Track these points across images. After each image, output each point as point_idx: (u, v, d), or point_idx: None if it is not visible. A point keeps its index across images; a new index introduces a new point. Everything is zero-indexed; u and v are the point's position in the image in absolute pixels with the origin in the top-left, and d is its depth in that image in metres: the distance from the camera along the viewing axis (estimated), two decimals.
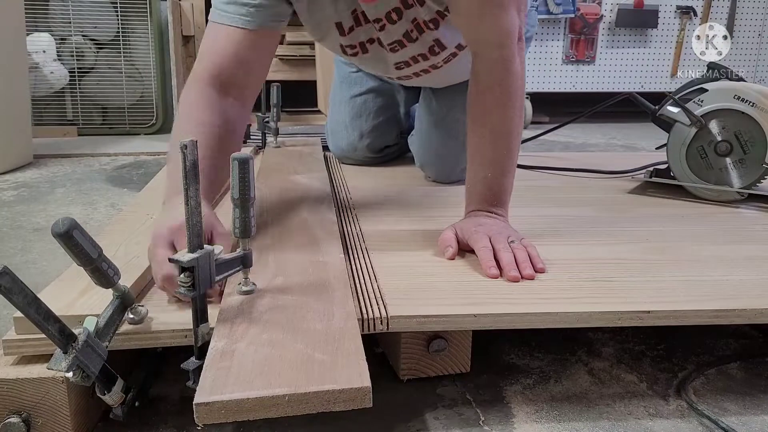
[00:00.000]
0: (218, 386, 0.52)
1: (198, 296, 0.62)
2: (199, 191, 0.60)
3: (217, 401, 0.51)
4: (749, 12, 2.93)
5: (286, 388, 0.52)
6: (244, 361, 0.56)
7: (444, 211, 1.12)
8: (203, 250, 0.61)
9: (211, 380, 0.53)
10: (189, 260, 0.60)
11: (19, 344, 0.64)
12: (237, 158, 0.65)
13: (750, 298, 0.78)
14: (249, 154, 0.65)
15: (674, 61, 2.90)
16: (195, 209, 0.60)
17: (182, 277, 0.60)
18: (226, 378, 0.53)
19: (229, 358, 0.57)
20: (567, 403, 0.74)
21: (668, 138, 1.25)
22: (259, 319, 0.64)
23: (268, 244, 0.86)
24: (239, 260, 0.68)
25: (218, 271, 0.64)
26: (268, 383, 0.53)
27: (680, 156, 1.24)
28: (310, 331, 0.62)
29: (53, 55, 2.34)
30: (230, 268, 0.67)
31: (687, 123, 1.22)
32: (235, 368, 0.55)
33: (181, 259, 0.60)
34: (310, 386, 0.52)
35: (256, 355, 0.57)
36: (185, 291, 0.61)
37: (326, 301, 0.69)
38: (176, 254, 0.61)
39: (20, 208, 1.45)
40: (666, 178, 1.28)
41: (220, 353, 0.57)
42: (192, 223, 0.60)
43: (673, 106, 1.24)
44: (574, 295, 0.78)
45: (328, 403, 0.52)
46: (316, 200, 1.11)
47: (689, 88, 1.25)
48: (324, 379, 0.54)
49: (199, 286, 0.61)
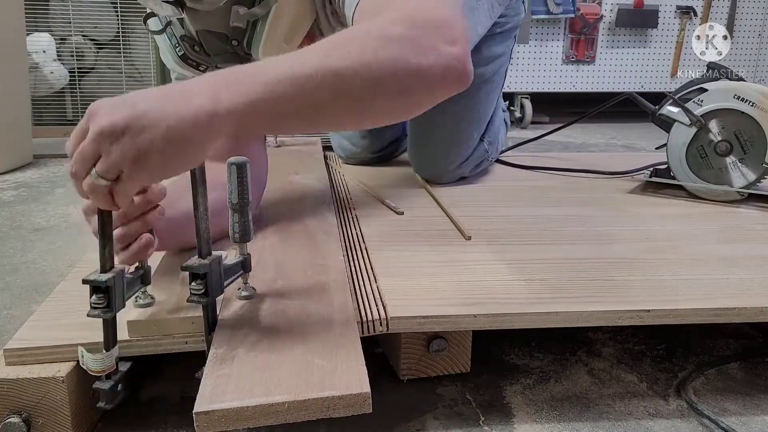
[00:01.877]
0: (218, 394, 0.52)
1: (210, 303, 0.62)
2: (207, 197, 0.60)
3: (216, 410, 0.51)
4: (749, 12, 2.93)
5: (285, 396, 0.52)
6: (243, 367, 0.56)
7: (446, 209, 1.12)
8: (212, 255, 0.61)
9: (211, 388, 0.53)
10: (203, 266, 0.59)
11: (20, 353, 0.64)
12: (234, 162, 0.64)
13: (750, 297, 0.78)
14: (245, 158, 0.65)
15: (674, 61, 2.90)
16: (204, 215, 0.60)
17: (194, 285, 0.60)
18: (226, 385, 0.53)
19: (229, 365, 0.56)
20: (567, 403, 0.74)
21: (668, 138, 1.26)
22: (259, 324, 0.64)
23: (268, 246, 0.86)
24: (240, 265, 0.68)
25: (225, 276, 0.64)
26: (267, 390, 0.53)
27: (680, 156, 1.24)
28: (309, 336, 0.61)
29: (53, 55, 2.34)
30: (234, 273, 0.67)
31: (687, 123, 1.22)
32: (235, 375, 0.55)
33: (193, 266, 0.59)
34: (310, 393, 0.52)
35: (256, 362, 0.57)
36: (197, 299, 0.60)
37: (326, 305, 0.68)
38: (187, 262, 0.61)
39: (20, 208, 1.45)
40: (666, 178, 1.28)
41: (219, 360, 0.57)
42: (202, 229, 0.60)
43: (672, 106, 1.24)
44: (574, 294, 0.78)
45: (328, 410, 0.52)
46: (316, 201, 1.11)
47: (689, 88, 1.25)
48: (323, 385, 0.53)
49: (212, 292, 0.61)
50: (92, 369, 0.59)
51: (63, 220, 1.37)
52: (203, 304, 0.61)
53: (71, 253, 1.16)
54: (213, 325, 0.63)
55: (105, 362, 0.59)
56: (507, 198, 1.25)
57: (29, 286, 1.03)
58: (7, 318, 0.91)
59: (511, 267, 0.86)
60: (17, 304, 0.96)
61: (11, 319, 0.91)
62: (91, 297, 0.57)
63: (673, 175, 1.27)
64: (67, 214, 1.41)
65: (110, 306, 0.58)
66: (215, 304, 0.63)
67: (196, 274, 0.60)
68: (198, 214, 0.59)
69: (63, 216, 1.40)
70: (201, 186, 0.59)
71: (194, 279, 0.60)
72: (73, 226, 1.32)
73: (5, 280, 1.05)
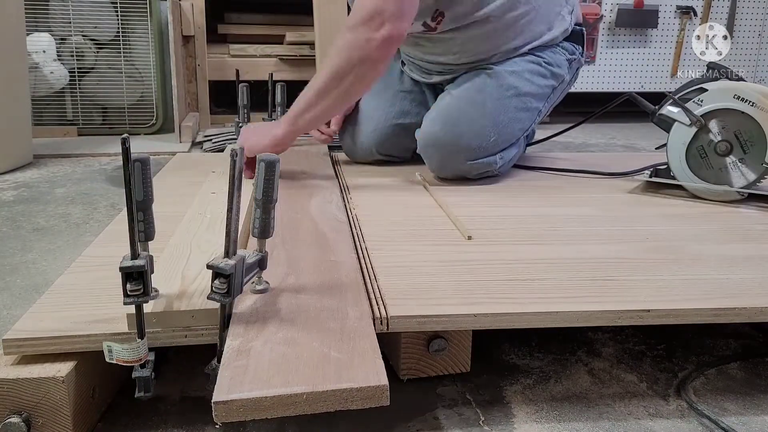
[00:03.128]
0: (236, 384, 0.52)
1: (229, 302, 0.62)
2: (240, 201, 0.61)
3: (235, 399, 0.51)
4: (749, 12, 2.93)
5: (304, 387, 0.52)
6: (260, 359, 0.56)
7: (446, 210, 1.12)
8: (237, 255, 0.62)
9: (229, 379, 0.53)
10: (230, 267, 0.60)
11: (19, 344, 0.64)
12: (264, 159, 0.65)
13: (750, 297, 0.78)
14: (277, 156, 0.66)
15: (674, 61, 2.90)
16: (236, 216, 0.61)
17: (217, 283, 0.61)
18: (244, 376, 0.54)
19: (245, 356, 0.57)
20: (567, 403, 0.74)
21: (668, 138, 1.25)
22: (274, 318, 0.65)
23: (278, 243, 0.86)
24: (257, 263, 0.69)
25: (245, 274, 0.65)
26: (285, 381, 0.53)
27: (680, 156, 1.24)
28: (324, 330, 0.62)
29: (53, 55, 2.34)
30: (251, 271, 0.67)
31: (687, 123, 1.22)
32: (252, 367, 0.55)
33: (220, 266, 0.60)
34: (328, 384, 0.53)
35: (273, 354, 0.57)
36: (220, 297, 0.61)
37: (339, 299, 0.69)
38: (212, 260, 0.62)
39: (20, 208, 1.45)
40: (666, 178, 1.28)
41: (236, 352, 0.58)
42: (231, 230, 0.61)
43: (673, 106, 1.24)
44: (574, 294, 0.78)
45: (346, 402, 0.53)
46: (324, 199, 1.11)
47: (689, 88, 1.25)
48: (341, 377, 0.54)
49: (234, 291, 0.61)
50: (128, 359, 0.59)
51: (63, 220, 1.37)
52: (224, 303, 0.62)
53: (71, 253, 1.16)
54: (227, 322, 0.63)
55: (140, 351, 0.60)
56: (507, 198, 1.25)
57: (29, 286, 1.03)
58: (7, 318, 0.91)
59: (511, 267, 0.86)
60: (17, 304, 0.96)
61: (11, 319, 0.90)
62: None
63: (673, 175, 1.27)
64: (67, 214, 1.41)
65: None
66: (232, 302, 0.64)
67: (220, 273, 0.60)
68: (230, 215, 0.60)
69: (63, 216, 1.40)
70: (237, 190, 0.60)
71: (217, 277, 0.61)
72: (73, 226, 1.32)
73: (5, 280, 1.05)
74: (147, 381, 0.62)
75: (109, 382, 0.71)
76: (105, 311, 0.69)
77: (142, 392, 0.62)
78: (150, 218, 0.65)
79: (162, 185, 1.27)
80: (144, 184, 0.63)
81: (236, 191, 0.60)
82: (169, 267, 0.76)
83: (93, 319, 0.67)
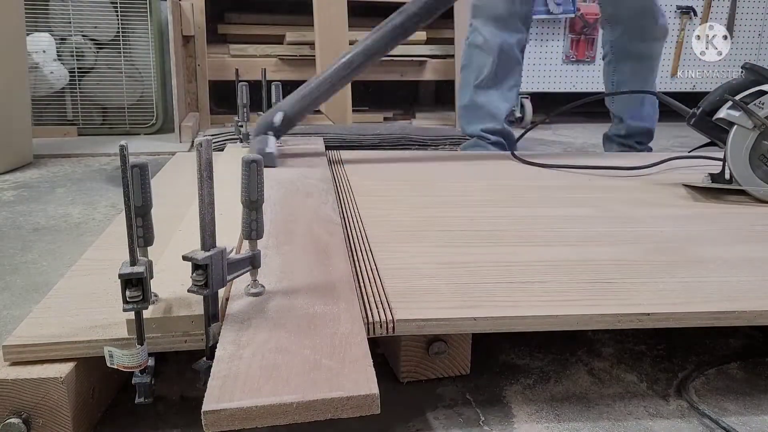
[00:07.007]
0: (226, 393, 0.52)
1: (210, 295, 0.62)
2: (213, 189, 0.60)
3: (225, 409, 0.51)
4: (749, 12, 2.93)
5: (293, 396, 0.52)
6: (251, 367, 0.56)
7: (447, 210, 1.12)
8: (216, 248, 0.61)
9: (219, 387, 0.53)
10: (203, 258, 0.60)
11: (20, 350, 0.64)
12: (248, 160, 0.64)
13: (749, 300, 0.78)
14: (260, 156, 0.65)
15: (674, 61, 2.90)
16: (209, 207, 0.60)
17: (195, 276, 0.60)
18: (234, 385, 0.53)
19: (237, 364, 0.56)
20: (567, 403, 0.74)
21: (728, 142, 1.22)
22: (266, 324, 0.64)
23: (272, 245, 0.86)
24: (248, 261, 0.68)
25: (229, 270, 0.64)
26: (275, 390, 0.53)
27: (744, 160, 1.21)
28: (316, 337, 0.61)
29: (53, 55, 2.34)
30: (240, 268, 0.67)
31: (749, 126, 1.19)
32: (243, 375, 0.55)
33: (195, 257, 0.60)
34: (318, 393, 0.52)
35: (264, 362, 0.57)
36: (198, 289, 0.61)
37: (332, 305, 0.68)
38: (189, 252, 0.61)
39: (20, 208, 1.45)
40: (722, 183, 1.24)
41: (227, 360, 0.57)
42: (205, 222, 0.60)
43: (733, 109, 1.20)
44: (574, 297, 0.77)
45: (336, 410, 0.52)
46: (319, 201, 1.11)
47: (743, 91, 1.20)
48: (331, 386, 0.53)
49: (212, 284, 0.61)
50: (128, 365, 0.59)
51: (63, 220, 1.37)
52: (203, 295, 0.61)
53: (71, 253, 1.16)
54: (213, 318, 0.63)
55: (140, 357, 0.60)
56: (507, 198, 1.25)
57: (29, 286, 1.03)
58: (7, 318, 0.91)
59: (511, 269, 0.86)
60: (17, 304, 0.96)
61: (11, 319, 0.90)
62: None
63: (732, 180, 1.23)
64: (67, 214, 1.41)
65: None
66: (216, 296, 0.63)
67: (198, 265, 0.60)
68: (203, 206, 0.59)
69: (63, 216, 1.40)
70: (207, 180, 0.59)
71: (196, 270, 0.61)
72: (73, 226, 1.32)
73: (5, 280, 1.05)
74: (147, 387, 0.62)
75: (109, 382, 0.71)
76: (105, 316, 0.68)
77: (143, 398, 0.62)
78: (149, 224, 0.65)
79: (161, 185, 1.27)
80: (143, 189, 0.63)
81: (205, 181, 0.60)
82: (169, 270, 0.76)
83: (93, 325, 0.67)
